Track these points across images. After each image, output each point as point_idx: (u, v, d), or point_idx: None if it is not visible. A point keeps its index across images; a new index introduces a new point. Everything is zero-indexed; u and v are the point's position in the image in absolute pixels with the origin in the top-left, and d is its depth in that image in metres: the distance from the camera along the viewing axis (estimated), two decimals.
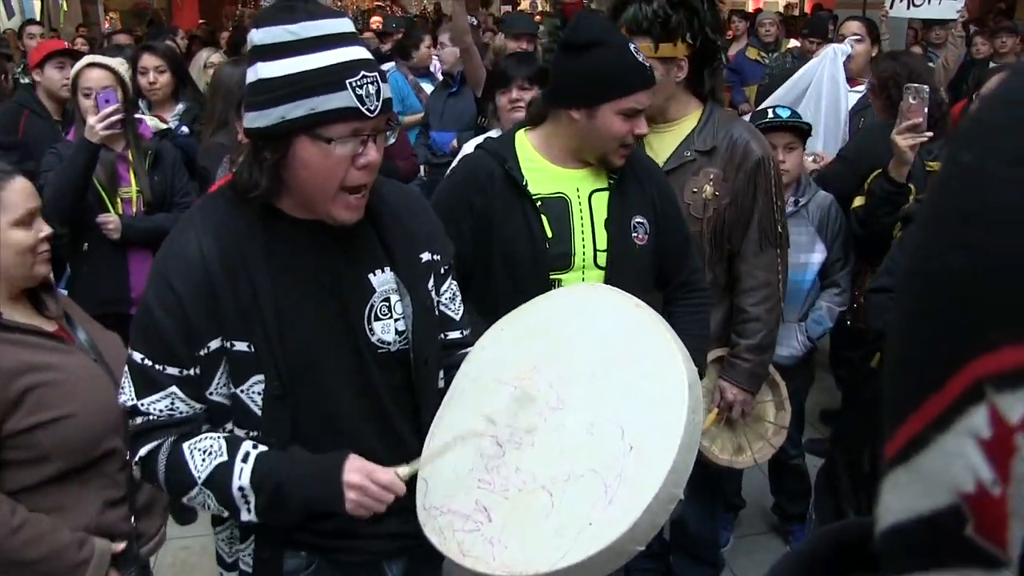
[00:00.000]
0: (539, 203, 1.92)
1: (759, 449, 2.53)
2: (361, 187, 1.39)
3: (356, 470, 1.37)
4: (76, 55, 3.91)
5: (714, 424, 2.42)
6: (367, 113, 1.32)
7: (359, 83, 1.31)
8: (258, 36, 1.34)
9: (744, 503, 3.28)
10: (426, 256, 1.55)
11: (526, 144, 1.99)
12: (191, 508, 3.37)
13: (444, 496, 1.39)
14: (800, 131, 2.86)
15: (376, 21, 10.71)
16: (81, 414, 1.61)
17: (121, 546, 1.69)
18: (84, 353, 1.72)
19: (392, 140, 3.16)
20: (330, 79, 1.30)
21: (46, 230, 1.68)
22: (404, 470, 1.40)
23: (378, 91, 1.34)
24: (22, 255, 1.63)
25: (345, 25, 1.36)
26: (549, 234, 1.92)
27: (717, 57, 2.31)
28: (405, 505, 1.42)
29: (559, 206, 1.93)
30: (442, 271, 1.60)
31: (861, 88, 4.06)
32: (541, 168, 1.96)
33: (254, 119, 1.35)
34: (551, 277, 1.92)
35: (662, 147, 2.27)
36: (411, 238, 1.53)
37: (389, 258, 1.50)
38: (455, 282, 1.65)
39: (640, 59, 1.86)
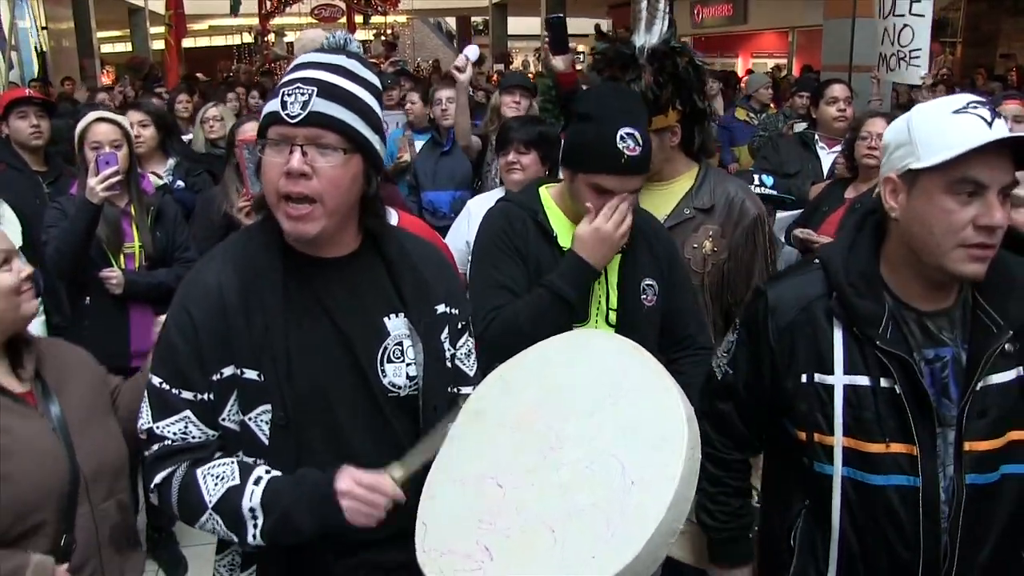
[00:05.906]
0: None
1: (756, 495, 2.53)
2: (296, 197, 1.38)
3: (344, 477, 1.40)
4: (35, 102, 3.89)
5: None
6: (285, 118, 1.37)
7: (290, 92, 1.39)
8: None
9: None
10: (442, 308, 1.58)
11: (548, 199, 2.09)
12: (180, 564, 3.34)
13: (444, 538, 1.39)
14: (783, 204, 2.91)
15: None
16: (14, 479, 1.53)
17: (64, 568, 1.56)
18: (45, 421, 1.65)
19: None
20: (276, 90, 1.42)
21: (27, 269, 1.70)
22: (398, 472, 1.42)
23: (306, 102, 1.37)
24: (6, 297, 1.65)
25: (338, 59, 1.45)
26: None
27: (706, 117, 2.39)
28: (407, 532, 1.41)
29: None
30: (459, 326, 1.63)
31: (838, 148, 4.05)
32: (562, 223, 2.05)
33: None
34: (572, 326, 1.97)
35: (661, 205, 2.33)
36: (427, 288, 1.56)
37: (403, 304, 1.54)
38: (472, 340, 1.68)
39: (622, 147, 1.86)
